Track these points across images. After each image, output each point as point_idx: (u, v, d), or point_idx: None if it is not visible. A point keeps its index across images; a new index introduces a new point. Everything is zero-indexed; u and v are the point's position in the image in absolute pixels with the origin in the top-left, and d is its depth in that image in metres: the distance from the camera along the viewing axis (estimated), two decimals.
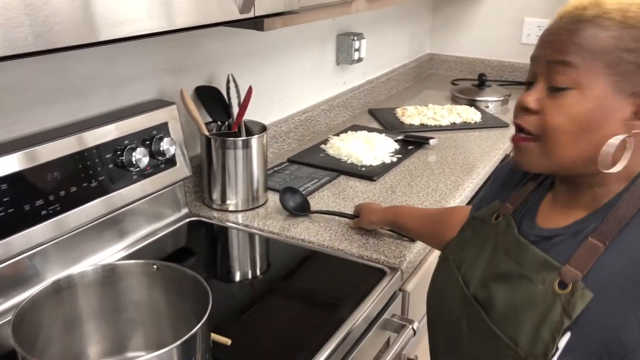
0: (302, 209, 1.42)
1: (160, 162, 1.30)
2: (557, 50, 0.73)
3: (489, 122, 2.18)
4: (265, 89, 1.78)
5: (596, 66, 0.70)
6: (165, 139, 1.28)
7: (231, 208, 1.44)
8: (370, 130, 2.03)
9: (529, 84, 0.78)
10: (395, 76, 2.63)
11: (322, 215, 1.42)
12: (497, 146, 1.96)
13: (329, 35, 2.08)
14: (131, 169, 1.22)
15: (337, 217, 1.41)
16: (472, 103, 2.40)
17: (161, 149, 1.27)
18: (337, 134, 1.99)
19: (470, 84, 2.57)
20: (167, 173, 1.32)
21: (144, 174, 1.26)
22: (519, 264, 0.78)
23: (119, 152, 1.20)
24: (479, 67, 2.89)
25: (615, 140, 0.70)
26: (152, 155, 1.27)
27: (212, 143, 1.40)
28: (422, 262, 1.35)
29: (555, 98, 0.73)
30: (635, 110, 0.71)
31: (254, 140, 1.41)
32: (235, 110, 1.50)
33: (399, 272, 1.20)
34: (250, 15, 1.00)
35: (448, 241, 0.96)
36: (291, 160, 1.77)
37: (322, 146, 1.88)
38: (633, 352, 0.68)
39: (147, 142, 1.26)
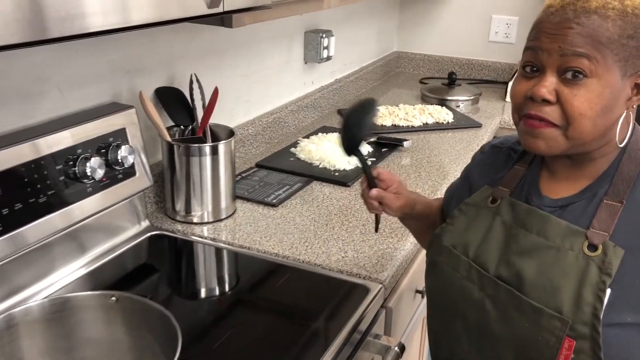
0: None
1: (118, 172, 1.18)
2: (571, 43, 0.75)
3: (462, 123, 2.13)
4: (230, 89, 1.67)
5: (606, 55, 0.75)
6: (123, 147, 1.16)
7: (196, 220, 1.33)
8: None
9: (530, 72, 0.80)
10: (363, 75, 2.55)
11: (296, 223, 1.33)
12: (471, 148, 1.90)
13: (297, 32, 1.98)
14: (85, 180, 1.09)
15: (311, 228, 1.31)
16: (442, 102, 2.34)
17: (118, 157, 1.15)
18: (307, 136, 1.89)
19: (440, 82, 2.51)
20: (125, 184, 1.20)
21: (99, 186, 1.14)
22: (543, 236, 0.81)
23: (71, 163, 1.08)
24: (447, 65, 2.84)
25: (622, 115, 0.79)
26: (109, 164, 1.15)
27: (175, 149, 1.28)
28: (403, 275, 1.27)
29: (572, 87, 0.76)
30: (632, 87, 0.78)
31: (221, 146, 1.30)
32: (200, 113, 1.38)
33: (382, 288, 1.12)
34: (219, 10, 0.90)
35: (434, 232, 0.95)
36: (260, 165, 1.67)
37: (292, 149, 1.79)
38: None
39: (103, 151, 1.14)
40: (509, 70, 2.71)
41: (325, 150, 1.71)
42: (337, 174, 1.62)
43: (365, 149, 1.80)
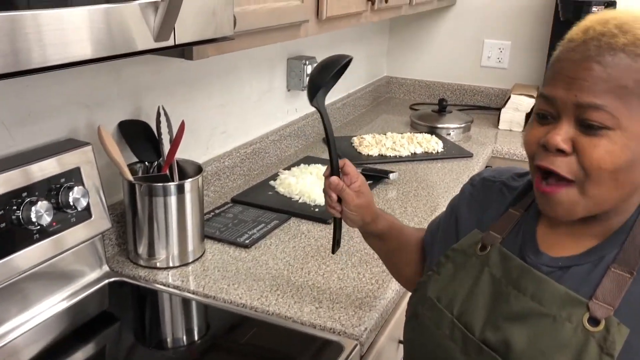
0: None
1: (70, 216, 1.08)
2: (588, 91, 0.66)
3: (452, 152, 2.04)
4: (205, 120, 1.58)
5: (632, 102, 0.65)
6: (76, 188, 1.06)
7: (160, 264, 1.23)
8: (325, 163, 1.85)
9: (543, 119, 0.71)
10: (351, 101, 2.47)
11: (269, 268, 1.23)
12: (462, 179, 1.81)
13: (279, 59, 1.90)
14: (31, 227, 1.00)
15: (285, 273, 1.21)
16: (432, 130, 2.26)
17: (70, 200, 1.05)
18: (289, 168, 1.80)
19: (430, 109, 2.43)
20: (80, 227, 1.10)
21: (48, 232, 1.04)
22: (538, 300, 0.71)
23: (14, 207, 0.98)
24: (438, 90, 2.77)
25: None
26: (60, 207, 1.05)
27: (137, 189, 1.19)
28: (383, 327, 1.17)
29: (592, 137, 0.67)
30: None
31: (187, 184, 1.21)
32: (168, 147, 1.29)
33: (358, 346, 1.01)
34: (169, 43, 0.81)
35: (419, 280, 0.85)
36: (235, 201, 1.57)
37: (272, 182, 1.69)
38: None
39: (53, 193, 1.04)
40: (502, 96, 2.63)
41: (306, 184, 1.62)
42: (317, 209, 1.52)
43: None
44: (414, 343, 0.85)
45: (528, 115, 2.34)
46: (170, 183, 1.20)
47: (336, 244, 1.02)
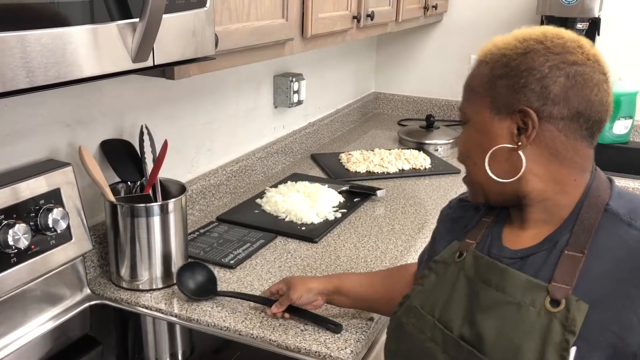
0: (204, 291, 1.17)
1: (50, 238, 1.06)
2: (462, 98, 0.86)
3: (440, 168, 2.03)
4: (191, 138, 1.56)
5: (475, 98, 0.81)
6: (56, 210, 1.04)
7: (143, 286, 1.21)
8: (312, 180, 1.84)
9: None
10: (339, 117, 2.47)
11: (254, 289, 1.20)
12: (449, 195, 1.80)
13: (265, 76, 1.89)
14: (8, 250, 0.97)
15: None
16: (420, 146, 2.25)
17: (49, 222, 1.03)
18: (276, 185, 1.78)
19: (418, 125, 2.43)
20: (60, 250, 1.08)
21: (27, 255, 1.02)
22: (502, 290, 0.76)
23: None
24: (425, 106, 2.77)
25: (493, 149, 0.79)
26: (39, 230, 1.03)
27: (119, 210, 1.17)
28: (371, 348, 1.15)
29: (460, 133, 0.86)
30: (518, 126, 0.77)
31: (170, 205, 1.19)
32: (150, 167, 1.27)
33: None
34: (148, 64, 0.79)
35: (405, 295, 0.90)
36: (221, 219, 1.55)
37: (258, 200, 1.67)
38: (638, 349, 0.68)
39: (32, 215, 1.02)
40: None
41: (293, 202, 1.60)
42: (303, 228, 1.51)
43: (336, 198, 1.70)
44: (398, 354, 0.87)
45: None
46: (152, 204, 1.18)
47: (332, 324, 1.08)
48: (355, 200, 1.72)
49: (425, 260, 0.97)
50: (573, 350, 0.69)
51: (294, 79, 1.94)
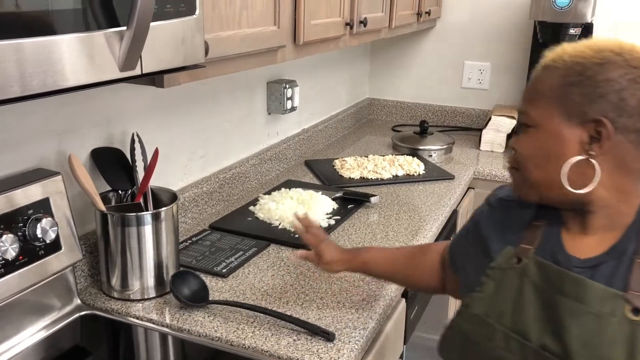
0: (197, 300, 1.16)
1: (39, 248, 1.04)
2: (523, 101, 0.86)
3: (433, 175, 2.03)
4: (183, 145, 1.55)
5: (544, 104, 0.81)
6: (45, 220, 1.03)
7: (134, 296, 1.19)
8: (305, 187, 1.83)
9: None
10: (333, 123, 2.46)
11: (246, 298, 1.19)
12: (443, 202, 1.80)
13: (258, 82, 1.89)
14: None
15: (262, 303, 1.18)
16: (414, 152, 2.25)
17: (37, 232, 1.01)
18: (269, 192, 1.77)
19: (412, 131, 2.43)
20: (48, 260, 1.07)
21: (15, 265, 1.00)
22: (581, 301, 0.77)
23: None
24: (420, 112, 2.77)
25: (571, 161, 0.79)
26: (27, 240, 1.01)
27: (109, 219, 1.15)
28: (366, 355, 1.14)
29: (522, 136, 0.85)
30: (589, 135, 0.78)
31: (161, 214, 1.18)
32: (142, 175, 1.26)
33: None
34: (136, 73, 0.79)
35: (462, 302, 0.91)
36: (213, 227, 1.54)
37: (251, 208, 1.66)
38: None
39: (20, 225, 1.01)
40: (483, 117, 2.64)
41: (286, 209, 1.59)
42: (297, 235, 1.49)
43: (330, 205, 1.69)
44: (470, 357, 0.89)
45: (509, 136, 2.35)
46: (143, 212, 1.17)
47: None
48: (349, 207, 1.72)
49: (471, 254, 0.97)
50: None
51: (287, 86, 1.93)
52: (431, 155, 2.26)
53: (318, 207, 1.63)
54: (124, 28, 0.74)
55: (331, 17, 1.53)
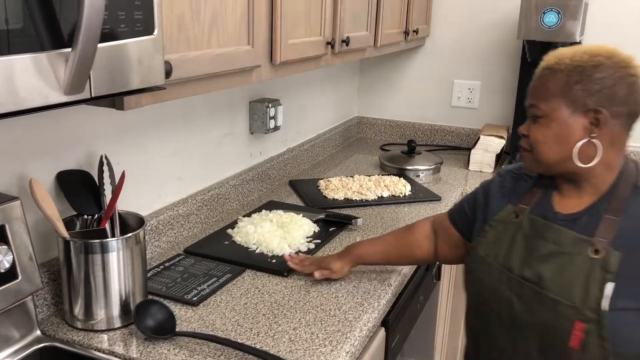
0: (162, 331, 1.11)
1: None
2: (531, 97, 1.06)
3: (420, 195, 1.98)
4: (158, 166, 1.51)
5: (553, 99, 1.01)
6: None
7: (98, 327, 1.14)
8: (287, 208, 1.78)
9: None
10: (319, 142, 2.42)
11: (215, 328, 1.14)
12: None
13: (240, 102, 1.85)
14: None
15: (232, 335, 1.12)
16: (401, 172, 2.21)
17: None
18: (249, 214, 1.72)
19: (400, 150, 2.39)
20: (4, 290, 1.01)
21: None
22: (558, 244, 1.02)
23: None
24: (409, 130, 2.74)
25: (579, 143, 1.00)
26: None
27: (72, 246, 1.10)
28: None
29: (534, 124, 1.05)
30: (590, 121, 0.99)
31: (127, 240, 1.13)
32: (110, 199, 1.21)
33: None
34: (85, 96, 0.74)
35: (471, 244, 1.18)
36: (188, 252, 1.49)
37: (229, 231, 1.61)
38: None
39: None
40: (473, 136, 2.60)
41: (264, 233, 1.54)
42: (274, 260, 1.44)
43: (311, 228, 1.64)
44: (472, 293, 1.17)
45: (498, 156, 2.30)
46: (108, 239, 1.11)
47: None
48: (330, 229, 1.67)
49: (471, 209, 1.23)
50: (610, 286, 0.94)
51: (270, 105, 1.89)
52: (419, 176, 2.22)
53: (298, 230, 1.58)
54: (69, 50, 0.70)
55: (311, 36, 1.50)
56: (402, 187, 2.00)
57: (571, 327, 0.96)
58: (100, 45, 0.72)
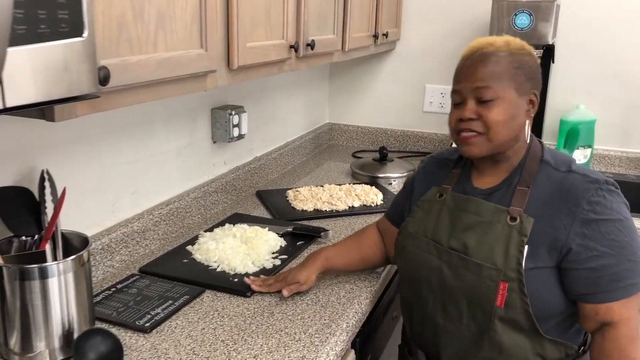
0: None
1: None
2: (480, 80, 1.08)
3: None
4: (111, 180, 1.40)
5: (504, 82, 1.08)
6: None
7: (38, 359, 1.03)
8: (253, 221, 1.69)
9: (457, 105, 1.12)
10: (289, 150, 2.33)
11: (168, 358, 1.04)
12: None
13: (201, 109, 1.75)
14: None
15: None
16: (373, 180, 2.13)
17: None
18: (211, 229, 1.63)
19: (372, 157, 2.31)
20: None
21: None
22: (478, 215, 1.12)
23: None
24: (381, 137, 2.67)
25: (527, 123, 1.13)
26: None
27: (4, 272, 0.99)
28: None
29: (486, 107, 1.08)
30: (528, 102, 1.11)
31: (68, 263, 1.02)
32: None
33: None
34: None
35: (401, 225, 1.26)
36: (144, 271, 1.38)
37: (189, 247, 1.51)
38: (564, 243, 1.05)
39: None
40: (446, 142, 2.54)
41: (226, 249, 1.45)
42: (235, 280, 1.35)
43: (277, 243, 1.55)
44: (404, 266, 1.24)
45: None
46: (46, 263, 1.01)
47: None
48: (298, 243, 1.58)
49: (402, 202, 1.33)
50: (526, 247, 1.05)
51: (233, 112, 1.80)
52: (391, 183, 2.14)
53: (263, 245, 1.49)
54: None
55: (272, 39, 1.41)
56: (373, 196, 1.92)
57: (496, 288, 1.06)
58: (11, 48, 0.62)
